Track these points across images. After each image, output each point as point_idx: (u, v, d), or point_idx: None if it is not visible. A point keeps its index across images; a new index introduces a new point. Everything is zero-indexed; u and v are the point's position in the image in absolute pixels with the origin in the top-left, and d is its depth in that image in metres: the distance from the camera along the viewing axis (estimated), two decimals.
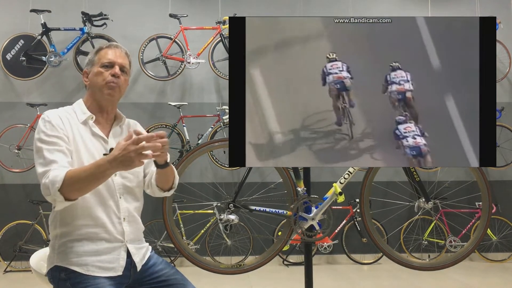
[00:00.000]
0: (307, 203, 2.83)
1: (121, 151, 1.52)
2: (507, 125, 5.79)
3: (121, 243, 1.78)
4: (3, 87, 5.81)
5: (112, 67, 1.82)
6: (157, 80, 5.77)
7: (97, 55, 1.85)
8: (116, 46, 1.88)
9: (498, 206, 5.77)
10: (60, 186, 1.57)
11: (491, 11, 6.03)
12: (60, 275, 1.71)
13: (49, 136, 1.69)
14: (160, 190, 1.95)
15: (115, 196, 1.78)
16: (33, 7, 5.60)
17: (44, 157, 1.65)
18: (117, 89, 1.82)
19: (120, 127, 1.90)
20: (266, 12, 5.96)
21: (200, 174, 5.71)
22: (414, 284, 4.79)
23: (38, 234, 5.38)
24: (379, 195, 5.45)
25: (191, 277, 2.02)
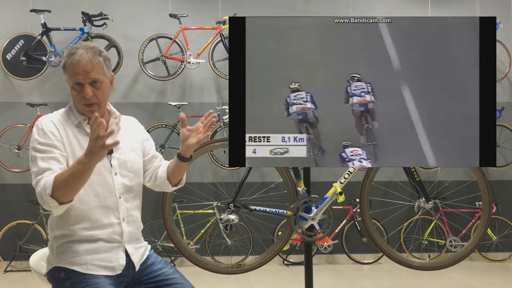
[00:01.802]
0: (307, 203, 2.83)
1: (90, 141, 1.52)
2: (507, 125, 5.79)
3: (119, 243, 1.78)
4: (3, 87, 5.81)
5: (82, 87, 1.71)
6: (157, 80, 5.77)
7: (65, 70, 1.72)
8: (80, 56, 1.68)
9: (498, 206, 5.77)
10: (51, 192, 1.58)
11: (491, 11, 6.03)
12: (59, 275, 1.71)
13: (42, 144, 1.69)
14: (168, 184, 1.96)
15: (114, 197, 1.78)
16: (33, 7, 5.60)
17: (38, 165, 1.66)
18: (95, 106, 1.75)
19: (117, 125, 1.88)
20: (266, 12, 5.96)
21: (200, 174, 5.71)
22: (414, 284, 4.78)
23: (38, 234, 5.38)
24: (379, 195, 5.44)
25: (191, 277, 2.02)
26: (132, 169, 1.84)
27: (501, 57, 5.94)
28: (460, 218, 5.71)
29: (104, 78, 1.76)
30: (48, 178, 1.61)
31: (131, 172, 1.84)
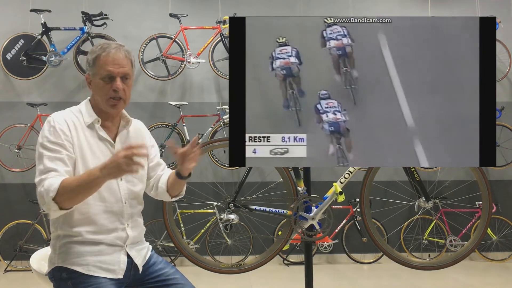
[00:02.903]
0: (307, 202, 2.83)
1: (111, 158, 1.52)
2: (507, 125, 5.79)
3: (121, 247, 1.78)
4: (3, 87, 5.80)
5: (113, 79, 1.72)
6: (157, 80, 5.77)
7: (96, 62, 1.73)
8: (115, 50, 1.73)
9: (498, 206, 5.77)
10: (55, 195, 1.56)
11: (491, 11, 6.03)
12: (61, 275, 1.71)
13: (51, 143, 1.67)
14: (168, 196, 1.96)
15: (120, 202, 1.77)
16: (33, 7, 5.60)
17: (44, 164, 1.64)
18: (121, 102, 1.76)
19: (126, 129, 1.87)
20: (266, 12, 5.96)
21: (200, 174, 5.71)
22: (414, 283, 4.79)
23: (38, 233, 5.37)
24: (379, 194, 5.45)
25: (191, 276, 2.02)
26: (137, 175, 1.83)
27: (501, 57, 5.94)
28: (460, 217, 5.71)
29: (132, 77, 1.80)
30: (53, 180, 1.58)
31: (136, 178, 1.84)
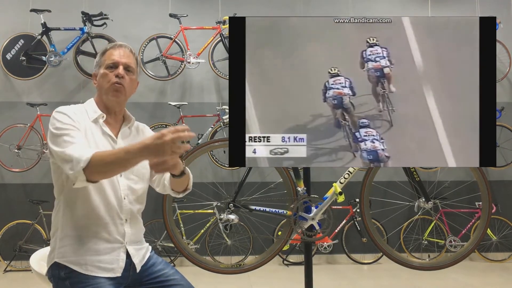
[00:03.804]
0: (307, 202, 2.83)
1: (154, 140, 1.51)
2: (507, 125, 5.80)
3: (120, 244, 1.78)
4: (3, 86, 5.81)
5: (116, 68, 1.80)
6: (157, 80, 5.77)
7: (103, 56, 1.84)
8: (120, 46, 1.86)
9: (498, 206, 5.77)
10: (86, 166, 1.55)
11: (491, 11, 6.03)
12: (59, 274, 1.71)
13: (65, 124, 1.67)
14: (175, 193, 1.96)
15: (119, 197, 1.78)
16: (33, 7, 5.60)
17: (64, 140, 1.63)
18: (122, 90, 1.81)
19: (129, 128, 1.90)
20: (266, 12, 5.96)
21: (200, 174, 5.71)
22: (414, 284, 4.79)
23: (38, 233, 5.38)
24: (379, 195, 5.45)
25: (190, 276, 2.02)
26: (138, 173, 1.84)
27: (501, 57, 5.94)
28: (460, 218, 5.72)
29: (135, 73, 1.87)
30: (83, 151, 1.58)
31: (136, 176, 1.84)
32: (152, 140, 1.51)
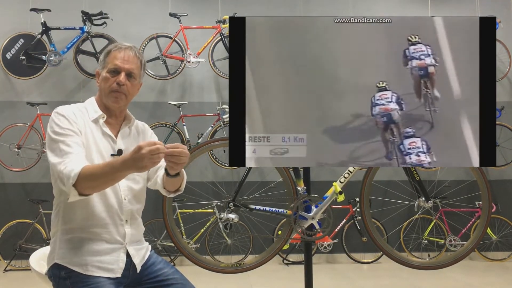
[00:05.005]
0: (307, 202, 2.83)
1: (132, 154, 1.52)
2: (507, 125, 5.80)
3: (121, 244, 1.78)
4: (3, 86, 5.80)
5: (119, 74, 1.78)
6: (157, 79, 5.77)
7: (107, 57, 1.82)
8: (126, 48, 1.82)
9: (498, 205, 5.77)
10: (75, 182, 1.57)
11: (491, 11, 6.03)
12: (60, 274, 1.71)
13: (63, 129, 1.68)
14: (165, 192, 1.95)
15: (119, 198, 1.78)
16: (33, 6, 5.60)
17: (60, 148, 1.64)
18: (122, 96, 1.80)
19: (129, 128, 1.90)
20: (266, 12, 5.96)
21: (200, 173, 5.71)
22: (414, 283, 4.79)
23: (38, 233, 5.38)
24: (379, 194, 5.45)
25: (191, 276, 2.02)
26: (140, 173, 1.84)
27: (501, 57, 5.94)
28: (460, 217, 5.72)
29: (138, 78, 1.85)
30: (74, 165, 1.59)
31: (139, 176, 1.85)
32: (131, 154, 1.53)
